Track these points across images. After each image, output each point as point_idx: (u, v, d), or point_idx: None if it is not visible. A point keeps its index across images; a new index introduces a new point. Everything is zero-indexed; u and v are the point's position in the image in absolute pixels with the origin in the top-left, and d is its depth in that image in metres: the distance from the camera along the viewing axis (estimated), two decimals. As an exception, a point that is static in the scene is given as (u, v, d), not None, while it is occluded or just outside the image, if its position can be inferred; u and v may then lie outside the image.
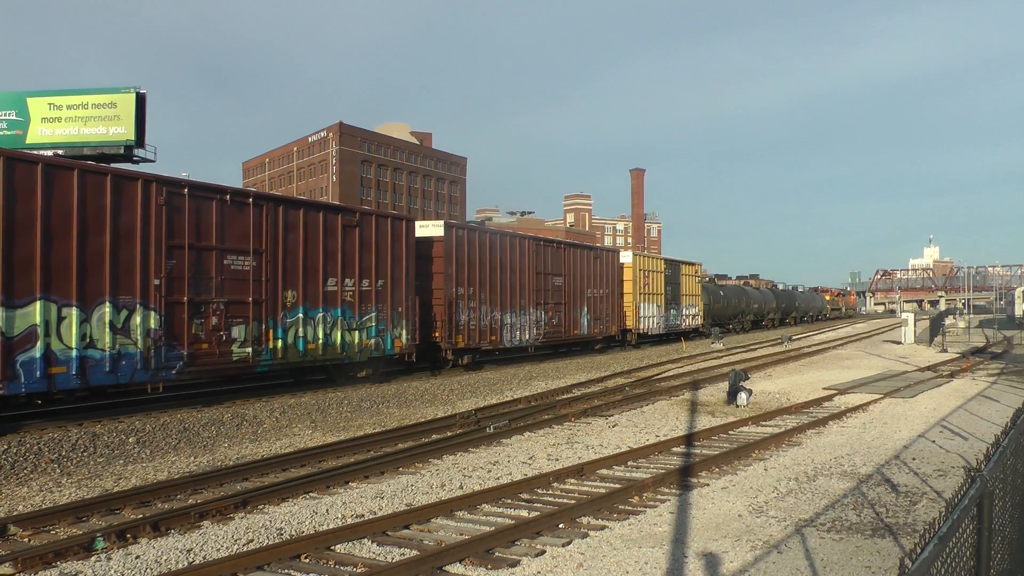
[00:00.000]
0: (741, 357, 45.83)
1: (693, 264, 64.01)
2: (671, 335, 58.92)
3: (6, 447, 16.37)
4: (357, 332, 28.06)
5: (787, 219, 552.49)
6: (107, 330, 19.95)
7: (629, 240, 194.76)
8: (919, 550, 3.89)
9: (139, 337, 20.71)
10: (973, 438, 19.13)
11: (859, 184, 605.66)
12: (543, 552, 10.64)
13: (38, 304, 18.50)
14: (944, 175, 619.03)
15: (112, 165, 21.45)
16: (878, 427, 21.01)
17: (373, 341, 28.85)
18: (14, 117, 55.42)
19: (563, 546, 10.88)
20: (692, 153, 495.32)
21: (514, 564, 10.17)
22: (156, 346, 21.13)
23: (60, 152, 54.92)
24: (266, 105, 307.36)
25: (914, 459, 16.76)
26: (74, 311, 19.20)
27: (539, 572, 9.91)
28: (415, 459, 16.95)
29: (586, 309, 45.36)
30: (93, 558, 10.48)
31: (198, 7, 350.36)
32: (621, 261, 51.05)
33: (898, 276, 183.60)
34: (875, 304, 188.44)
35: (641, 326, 52.97)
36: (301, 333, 25.72)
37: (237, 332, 23.51)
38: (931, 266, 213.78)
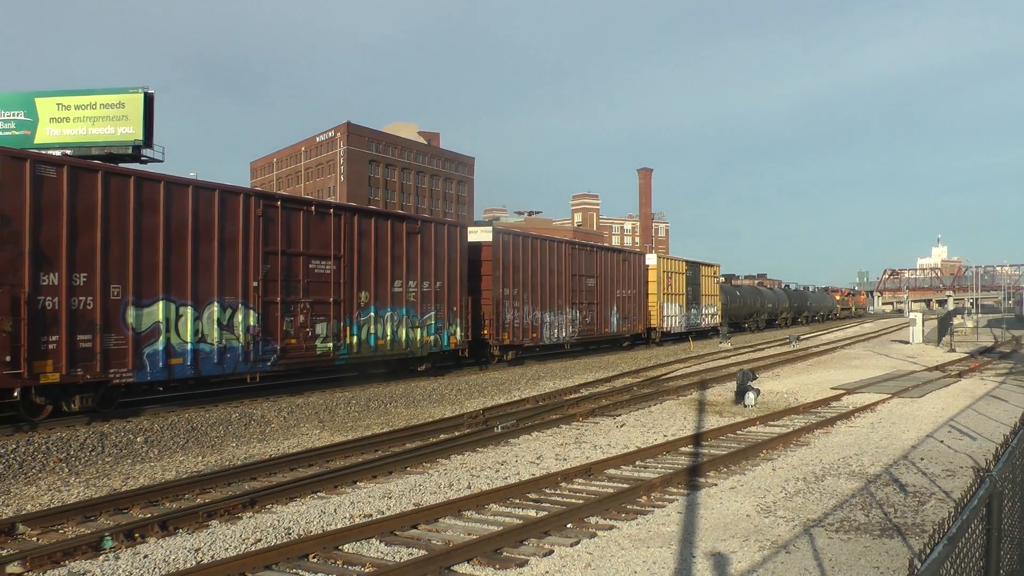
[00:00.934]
0: (749, 357, 45.80)
1: (712, 266, 66.43)
2: (691, 333, 60.89)
3: (14, 446, 16.41)
4: (419, 329, 30.74)
5: (795, 218, 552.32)
6: (215, 326, 22.64)
7: (637, 240, 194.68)
8: (929, 550, 3.89)
9: (240, 333, 23.37)
10: (982, 438, 19.10)
11: (867, 183, 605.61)
12: (551, 552, 10.64)
13: (161, 304, 21.13)
14: (952, 174, 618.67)
15: (196, 179, 23.75)
16: (886, 427, 20.98)
17: (432, 338, 31.54)
18: (23, 117, 55.49)
19: (571, 546, 10.88)
20: (700, 152, 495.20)
21: (522, 564, 10.17)
22: (254, 341, 23.78)
23: (68, 152, 55.08)
24: (274, 105, 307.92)
25: (922, 459, 16.73)
26: (189, 310, 21.88)
27: (547, 572, 9.91)
28: (423, 459, 16.96)
29: (616, 308, 47.92)
30: (101, 557, 10.50)
31: (206, 7, 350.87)
32: (646, 263, 53.63)
33: (906, 276, 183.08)
34: (883, 304, 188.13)
35: (664, 325, 55.47)
36: (372, 330, 28.34)
37: (320, 329, 26.13)
38: (939, 265, 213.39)
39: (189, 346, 21.79)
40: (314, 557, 10.47)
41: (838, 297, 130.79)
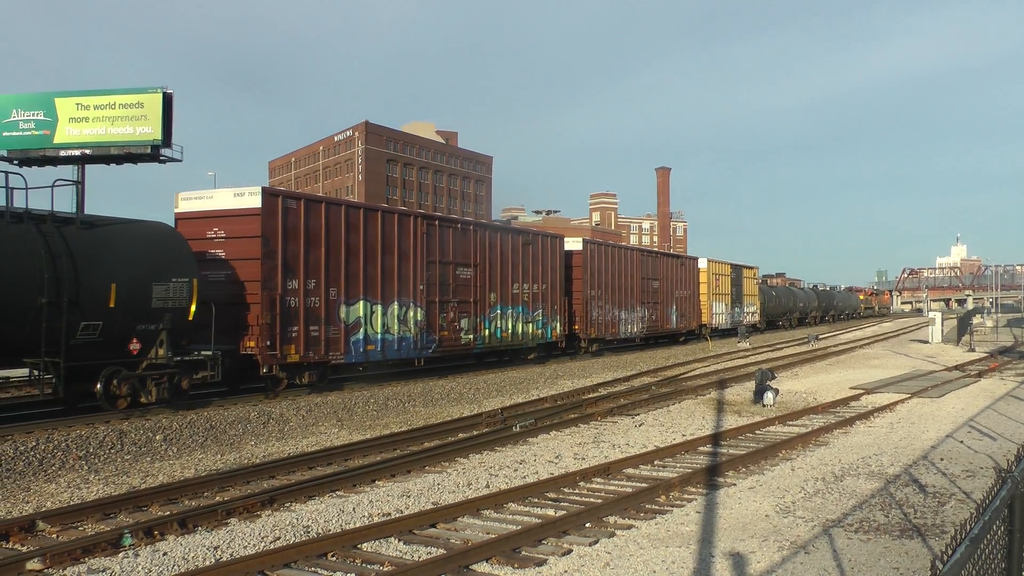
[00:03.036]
0: (767, 356, 45.72)
1: (752, 268, 72.89)
2: (735, 330, 65.15)
3: (34, 443, 16.49)
4: (530, 324, 36.99)
5: (813, 217, 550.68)
6: (395, 321, 28.52)
7: (655, 239, 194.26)
8: (950, 551, 3.87)
9: (412, 326, 29.34)
10: (1002, 438, 19.02)
11: (886, 182, 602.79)
12: (570, 551, 10.64)
13: (361, 303, 26.99)
14: (972, 172, 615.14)
15: (383, 205, 30.87)
16: (905, 427, 20.91)
17: (540, 331, 37.79)
18: (42, 117, 55.67)
19: (590, 545, 10.87)
20: (718, 151, 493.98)
21: (541, 563, 10.17)
22: (420, 333, 29.73)
23: (88, 152, 55.28)
24: (292, 104, 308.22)
25: (942, 459, 16.66)
26: (379, 308, 27.77)
27: (566, 571, 9.91)
28: (441, 458, 16.98)
29: (675, 307, 54.35)
30: (121, 554, 10.54)
31: (224, 7, 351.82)
32: (698, 266, 59.46)
33: (925, 275, 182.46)
34: (902, 303, 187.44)
35: (712, 322, 61.30)
36: (499, 324, 34.68)
37: (463, 323, 32.21)
38: (958, 264, 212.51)
39: (379, 336, 27.73)
40: (333, 556, 10.49)
41: (861, 297, 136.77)
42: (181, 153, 56.92)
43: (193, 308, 21.25)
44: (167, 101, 55.04)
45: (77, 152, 55.56)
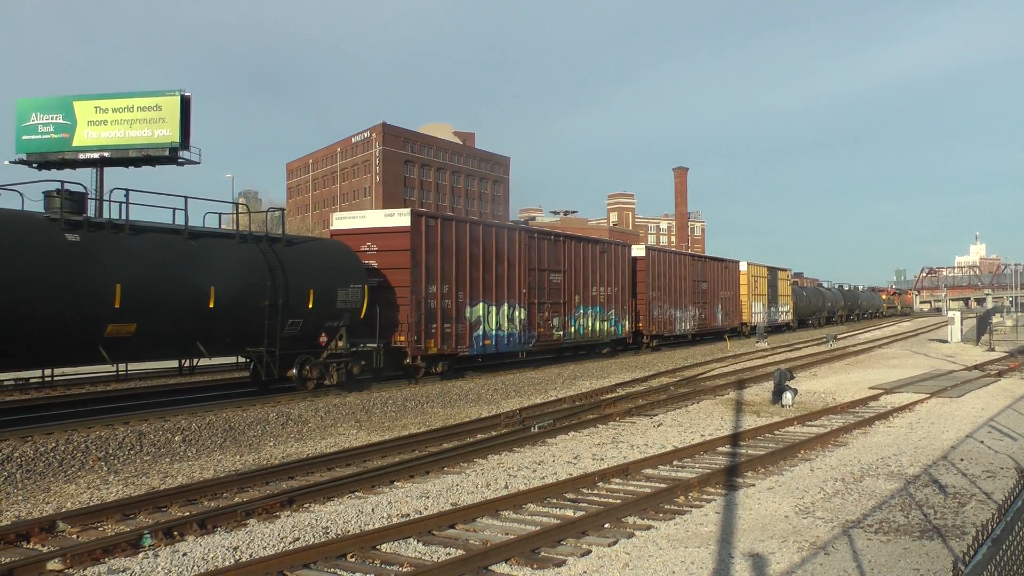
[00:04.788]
0: (786, 356, 45.64)
1: (785, 270, 77.99)
2: (770, 328, 69.89)
3: (54, 444, 16.56)
4: (605, 322, 41.61)
5: (831, 216, 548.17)
6: (505, 319, 33.12)
7: (673, 239, 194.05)
8: (972, 553, 3.86)
9: (517, 324, 33.95)
10: (1023, 439, 18.93)
11: (904, 180, 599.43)
12: (589, 552, 10.64)
13: (481, 304, 31.56)
14: (991, 170, 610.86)
15: (496, 221, 34.26)
16: (925, 427, 20.83)
17: (613, 328, 42.46)
18: (61, 121, 55.96)
19: (609, 546, 10.87)
20: (735, 151, 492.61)
21: (560, 564, 10.17)
22: (523, 329, 34.34)
23: (106, 155, 55.52)
24: (309, 106, 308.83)
25: (962, 460, 16.59)
26: (493, 308, 32.33)
27: (585, 572, 9.91)
28: (460, 459, 16.98)
29: (720, 307, 59.08)
30: (141, 555, 10.58)
31: (241, 9, 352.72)
32: (740, 269, 64.36)
33: (944, 274, 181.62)
34: (920, 302, 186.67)
35: (752, 320, 65.76)
36: (581, 323, 39.25)
37: (555, 322, 36.90)
38: (977, 263, 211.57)
39: (493, 332, 32.36)
40: (352, 557, 10.51)
41: (884, 296, 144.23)
42: (199, 155, 57.25)
43: (364, 308, 26.14)
44: (185, 104, 55.27)
45: (96, 155, 55.83)
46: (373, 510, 12.85)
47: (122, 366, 24.57)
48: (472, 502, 13.23)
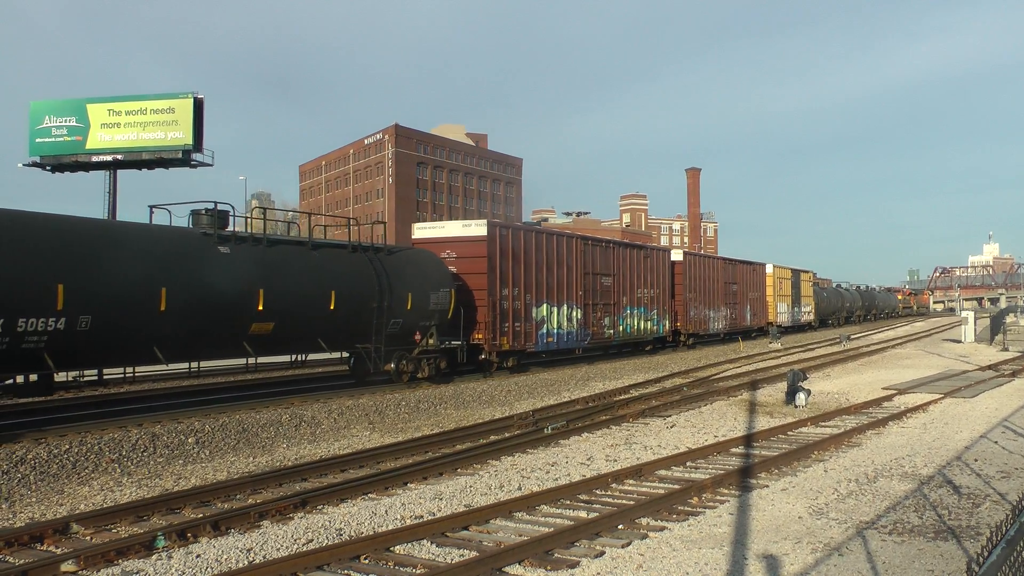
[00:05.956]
0: (799, 357, 45.58)
1: (808, 272, 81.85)
2: (794, 327, 74.87)
3: (68, 446, 16.62)
4: (648, 322, 44.84)
5: (844, 216, 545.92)
6: (565, 319, 36.11)
7: (685, 240, 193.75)
8: (986, 554, 3.85)
9: (575, 323, 36.98)
10: (1037, 439, 18.87)
11: (917, 180, 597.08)
12: (602, 553, 10.64)
13: (544, 305, 34.65)
14: (1004, 169, 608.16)
15: (552, 229, 38.79)
16: (939, 427, 20.78)
17: (655, 327, 45.75)
18: (74, 123, 56.04)
19: (622, 547, 10.87)
20: (748, 151, 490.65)
21: (573, 565, 10.17)
22: (579, 328, 37.38)
23: (119, 157, 55.65)
24: (322, 108, 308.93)
25: (976, 460, 16.55)
26: (555, 309, 35.40)
27: (599, 573, 9.91)
28: (473, 460, 17.00)
29: (749, 307, 62.47)
30: (154, 556, 10.62)
31: (254, 11, 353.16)
32: (766, 271, 67.60)
33: (957, 274, 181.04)
34: (934, 302, 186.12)
35: (777, 320, 68.84)
36: (629, 322, 42.47)
37: (606, 321, 40.03)
38: (991, 263, 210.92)
39: (555, 330, 35.41)
40: (365, 558, 10.52)
41: (900, 297, 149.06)
42: (212, 158, 57.23)
43: (451, 310, 29.20)
44: (198, 106, 55.34)
45: (109, 158, 55.91)
46: (386, 512, 12.87)
47: (130, 369, 26.05)
48: (485, 503, 13.24)
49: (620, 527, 11.81)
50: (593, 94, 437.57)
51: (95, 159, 56.27)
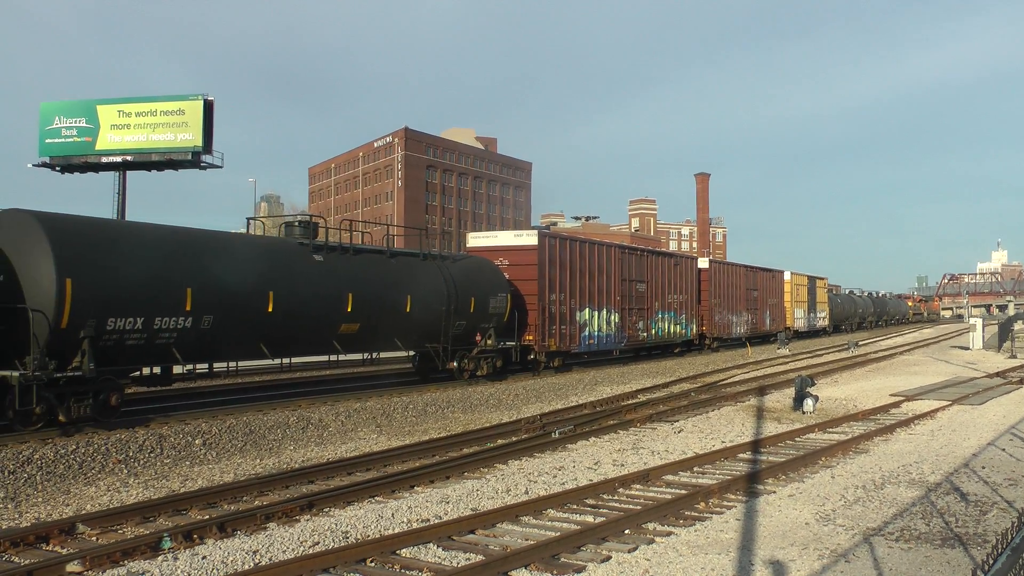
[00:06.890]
0: (807, 363, 45.52)
1: (823, 278, 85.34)
2: (810, 331, 78.31)
3: (74, 447, 16.64)
4: (677, 326, 47.75)
5: (853, 222, 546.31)
6: (604, 322, 38.70)
7: (694, 245, 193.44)
8: (992, 561, 3.85)
9: (612, 326, 39.55)
10: (1045, 446, 18.82)
11: (926, 186, 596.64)
12: (609, 558, 10.63)
13: (587, 310, 37.27)
14: (1013, 176, 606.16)
15: (595, 239, 43.39)
16: (946, 434, 20.74)
17: (683, 331, 48.59)
18: (84, 124, 56.28)
19: (629, 552, 10.86)
20: (757, 157, 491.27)
21: (580, 569, 10.17)
22: (616, 331, 39.93)
23: (129, 158, 55.79)
24: (332, 111, 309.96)
25: (983, 467, 16.51)
26: (596, 313, 38.03)
27: (604, 578, 9.90)
28: (480, 464, 16.99)
29: (768, 312, 66.05)
30: (160, 558, 10.62)
31: (265, 14, 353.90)
32: (784, 278, 70.86)
33: (966, 280, 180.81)
34: (942, 309, 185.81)
35: (795, 325, 72.43)
36: (660, 326, 45.34)
37: (640, 324, 42.68)
38: (999, 270, 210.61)
39: (596, 333, 38.06)
40: (371, 561, 10.52)
41: (910, 303, 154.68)
42: (222, 159, 57.53)
43: (507, 313, 31.73)
44: (208, 108, 55.51)
45: (118, 159, 56.11)
46: (393, 515, 12.87)
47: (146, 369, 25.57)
48: (492, 507, 13.24)
49: (627, 532, 11.79)
50: (603, 98, 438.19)
51: (104, 160, 56.49)
